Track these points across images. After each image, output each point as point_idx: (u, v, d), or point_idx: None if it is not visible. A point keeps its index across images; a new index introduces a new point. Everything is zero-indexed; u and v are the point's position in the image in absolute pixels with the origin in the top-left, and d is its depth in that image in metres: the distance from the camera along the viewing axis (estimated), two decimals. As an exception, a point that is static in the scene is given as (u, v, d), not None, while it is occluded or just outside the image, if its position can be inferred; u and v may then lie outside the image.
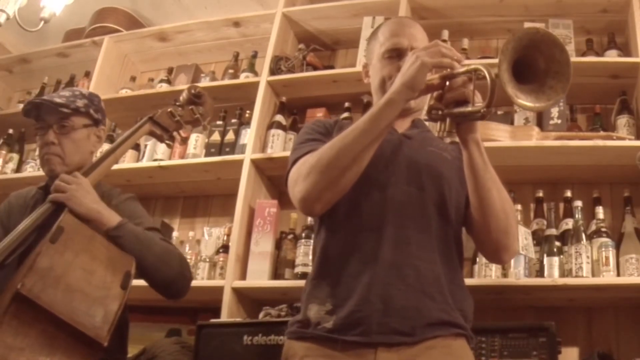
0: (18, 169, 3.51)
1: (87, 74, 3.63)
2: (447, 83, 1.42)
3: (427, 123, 1.77)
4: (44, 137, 1.92)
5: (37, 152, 3.47)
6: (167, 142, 2.06)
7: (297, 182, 1.51)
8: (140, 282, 2.21)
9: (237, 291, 2.64)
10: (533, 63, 1.31)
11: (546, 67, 1.31)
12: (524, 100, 1.29)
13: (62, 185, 1.76)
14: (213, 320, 2.45)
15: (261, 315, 2.49)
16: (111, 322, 1.44)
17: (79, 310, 1.41)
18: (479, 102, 1.36)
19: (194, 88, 2.08)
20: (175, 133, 2.05)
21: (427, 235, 1.53)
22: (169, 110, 2.03)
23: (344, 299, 1.47)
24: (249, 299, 2.72)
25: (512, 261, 2.35)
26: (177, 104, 2.06)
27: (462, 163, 1.53)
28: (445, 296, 1.48)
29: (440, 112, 1.43)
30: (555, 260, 2.38)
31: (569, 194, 2.61)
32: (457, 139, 1.47)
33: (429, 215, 1.54)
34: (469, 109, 1.38)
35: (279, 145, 2.95)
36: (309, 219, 2.66)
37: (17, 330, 1.35)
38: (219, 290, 2.62)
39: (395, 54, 1.65)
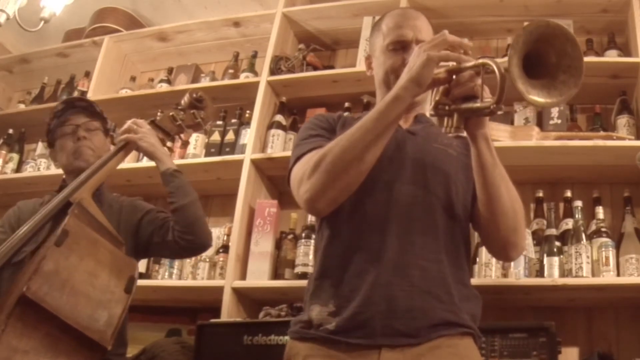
0: (18, 169, 3.51)
1: (87, 74, 3.63)
2: (454, 77, 1.38)
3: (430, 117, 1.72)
4: (73, 135, 2.03)
5: (36, 152, 3.45)
6: (167, 145, 2.06)
7: (302, 181, 1.46)
8: (140, 283, 2.22)
9: (237, 291, 2.64)
10: (544, 57, 1.27)
11: (557, 61, 1.27)
12: (536, 96, 1.25)
13: (133, 126, 1.94)
14: (213, 320, 2.45)
15: (261, 315, 2.49)
16: (115, 325, 1.45)
17: (83, 313, 1.42)
18: (487, 98, 1.32)
19: (195, 92, 2.09)
20: (176, 137, 2.06)
21: (434, 234, 1.49)
22: (170, 114, 2.04)
23: (347, 299, 1.43)
24: (249, 299, 2.72)
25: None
26: (179, 107, 2.06)
27: (467, 159, 1.50)
28: (452, 296, 1.44)
29: (447, 108, 1.39)
30: (555, 260, 2.38)
31: (569, 194, 2.61)
32: (463, 134, 1.43)
33: (435, 214, 1.50)
34: (478, 104, 1.33)
35: (279, 145, 2.95)
36: (309, 218, 2.66)
37: (21, 332, 1.36)
38: (219, 290, 2.62)
39: (400, 47, 1.60)
